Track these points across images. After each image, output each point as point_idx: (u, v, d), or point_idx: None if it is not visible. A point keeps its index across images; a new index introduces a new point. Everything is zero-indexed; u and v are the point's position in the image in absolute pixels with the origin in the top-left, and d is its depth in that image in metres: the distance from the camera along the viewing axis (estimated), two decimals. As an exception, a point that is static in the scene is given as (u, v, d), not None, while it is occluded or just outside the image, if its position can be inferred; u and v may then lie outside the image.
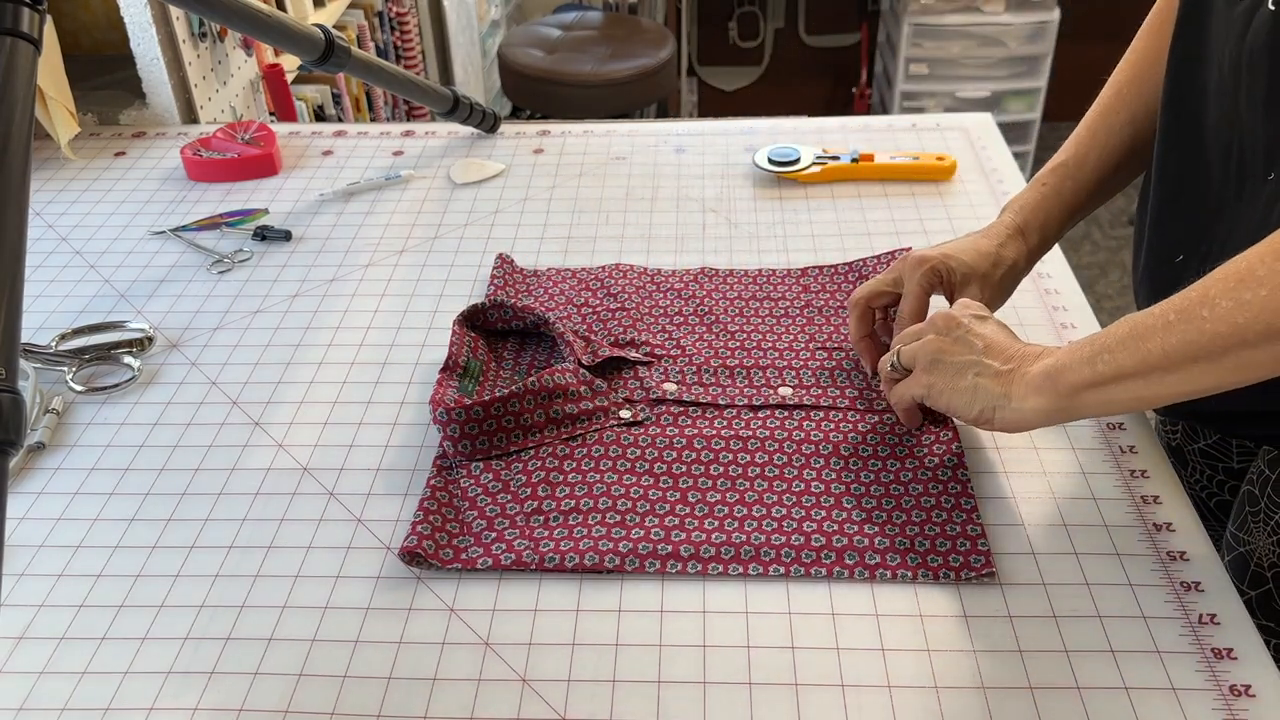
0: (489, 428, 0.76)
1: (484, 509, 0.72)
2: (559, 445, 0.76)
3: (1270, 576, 0.72)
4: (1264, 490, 0.73)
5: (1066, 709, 0.59)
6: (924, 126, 1.21)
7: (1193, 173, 0.69)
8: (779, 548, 0.68)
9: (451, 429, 0.75)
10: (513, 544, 0.69)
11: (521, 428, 0.77)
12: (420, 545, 0.68)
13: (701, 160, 1.16)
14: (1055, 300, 0.91)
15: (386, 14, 2.11)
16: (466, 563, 0.68)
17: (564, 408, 0.78)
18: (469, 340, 0.85)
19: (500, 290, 0.93)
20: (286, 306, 0.95)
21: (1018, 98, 2.95)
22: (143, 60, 1.26)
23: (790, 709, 0.59)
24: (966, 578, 0.66)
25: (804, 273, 0.95)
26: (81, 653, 0.64)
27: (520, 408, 0.77)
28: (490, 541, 0.69)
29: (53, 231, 1.07)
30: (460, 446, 0.75)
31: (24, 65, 0.59)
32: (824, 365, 0.84)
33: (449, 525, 0.71)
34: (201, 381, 0.86)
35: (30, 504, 0.75)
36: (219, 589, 0.68)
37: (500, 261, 0.98)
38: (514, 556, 0.68)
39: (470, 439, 0.75)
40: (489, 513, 0.72)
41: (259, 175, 1.16)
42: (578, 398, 0.79)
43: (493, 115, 1.23)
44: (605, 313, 0.89)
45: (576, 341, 0.84)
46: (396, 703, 0.61)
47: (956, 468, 0.73)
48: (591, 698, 0.60)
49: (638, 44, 2.50)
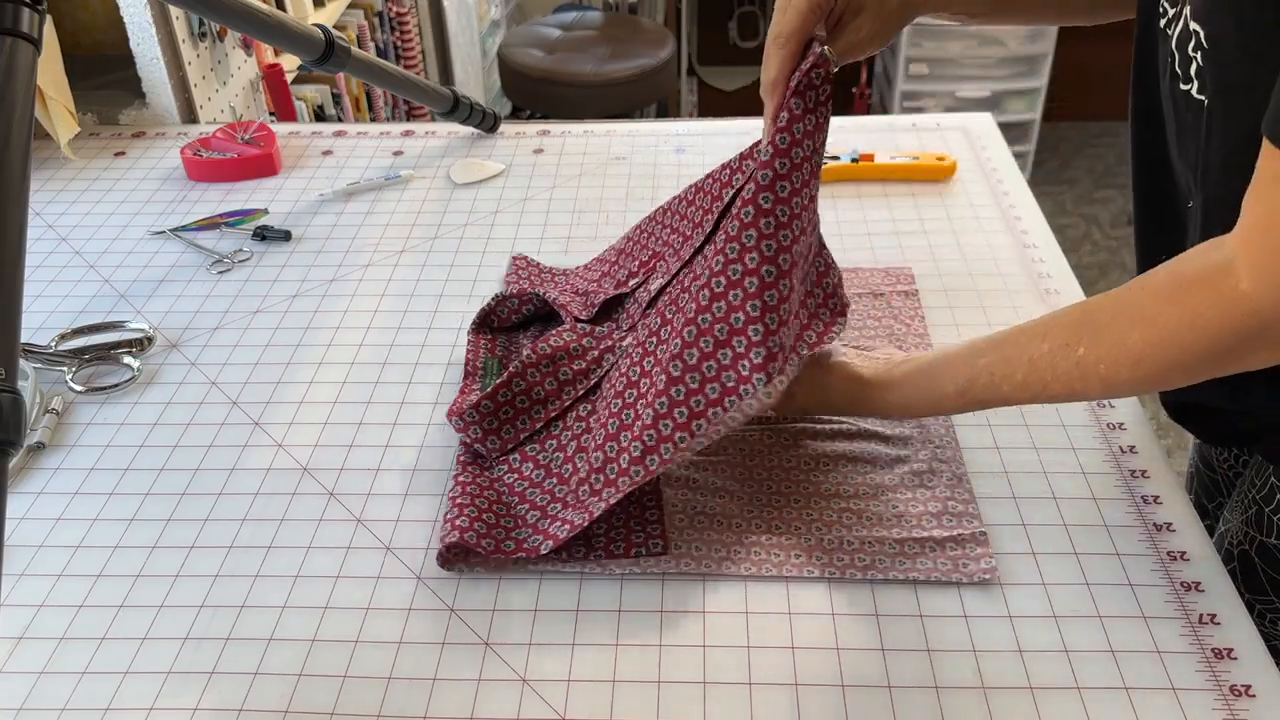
0: (506, 415, 0.76)
1: (534, 500, 0.71)
2: (580, 405, 0.76)
3: (1238, 554, 0.73)
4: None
5: (1066, 709, 0.59)
6: (924, 126, 1.21)
7: (1161, 186, 0.69)
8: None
9: (473, 430, 0.75)
10: (571, 520, 0.68)
11: (536, 401, 0.76)
12: (463, 538, 0.67)
13: (701, 160, 1.16)
14: (1056, 300, 0.91)
15: (386, 14, 2.11)
16: (530, 550, 0.67)
17: (570, 366, 0.77)
18: (484, 343, 0.85)
19: (515, 287, 0.93)
20: (286, 306, 0.95)
21: (1018, 98, 2.95)
22: (143, 60, 1.26)
23: (790, 709, 0.59)
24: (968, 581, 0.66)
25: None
26: (81, 653, 0.64)
27: (527, 383, 0.76)
28: (547, 526, 0.69)
29: (53, 231, 1.07)
30: (489, 444, 0.75)
31: (24, 65, 0.59)
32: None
33: (502, 521, 0.70)
34: (201, 381, 0.86)
35: (30, 504, 0.75)
36: (219, 589, 0.68)
37: (516, 265, 0.97)
38: (568, 527, 0.67)
39: (495, 433, 0.75)
40: (540, 501, 0.71)
41: (259, 175, 1.16)
42: (582, 352, 0.78)
43: (493, 115, 1.23)
44: (615, 266, 0.88)
45: (573, 301, 0.83)
46: (396, 703, 0.61)
47: (952, 461, 0.74)
48: (591, 698, 0.60)
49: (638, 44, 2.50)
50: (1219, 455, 0.86)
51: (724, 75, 3.41)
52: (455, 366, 0.86)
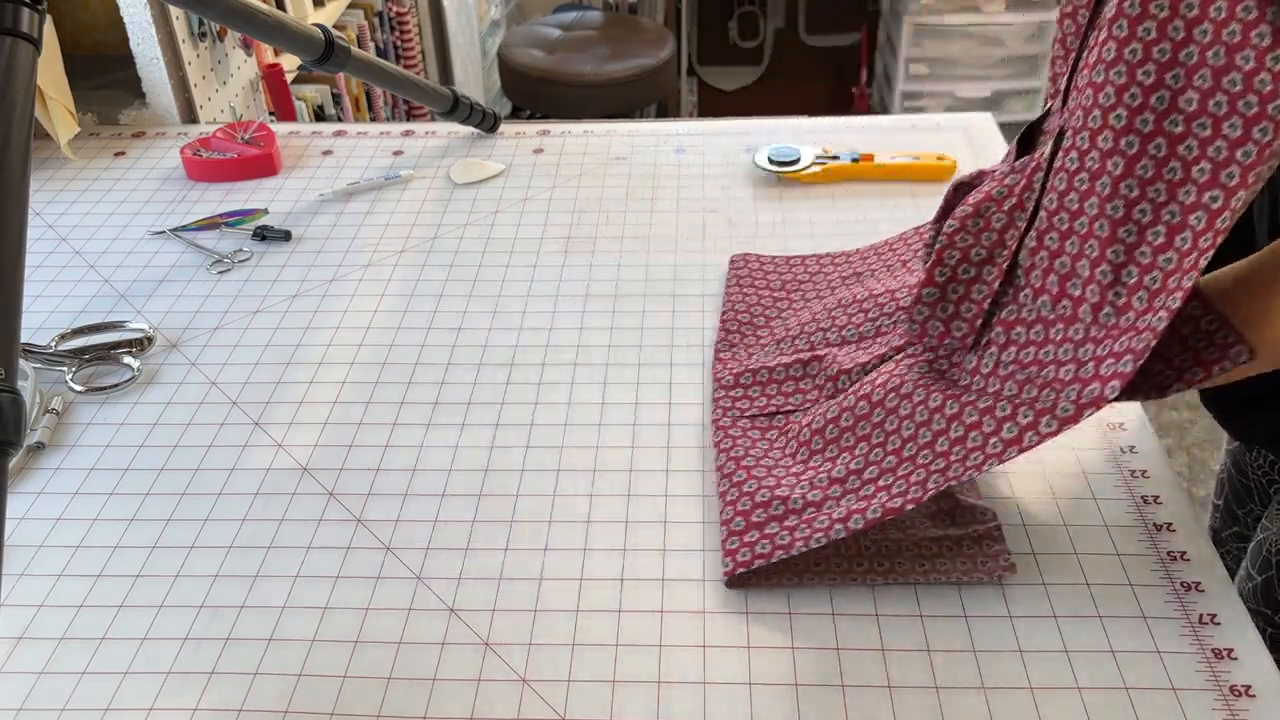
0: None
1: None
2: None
3: (1275, 563, 0.72)
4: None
5: (1066, 709, 0.59)
6: (924, 126, 1.21)
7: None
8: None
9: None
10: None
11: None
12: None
13: (701, 160, 1.16)
14: (1055, 300, 0.92)
15: (386, 14, 2.11)
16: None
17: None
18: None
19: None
20: (286, 306, 0.95)
21: (1018, 98, 2.95)
22: (143, 60, 1.26)
23: (790, 709, 0.59)
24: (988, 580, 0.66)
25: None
26: (81, 653, 0.64)
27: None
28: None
29: (52, 231, 1.07)
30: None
31: (24, 65, 0.59)
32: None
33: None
34: (201, 381, 0.86)
35: (30, 504, 0.75)
36: (219, 589, 0.68)
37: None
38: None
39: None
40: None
41: (259, 175, 1.16)
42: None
43: (493, 115, 1.23)
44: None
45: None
46: (396, 703, 0.61)
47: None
48: (591, 698, 0.60)
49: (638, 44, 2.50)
50: (1254, 461, 0.86)
51: (724, 75, 3.41)
52: (455, 367, 0.86)
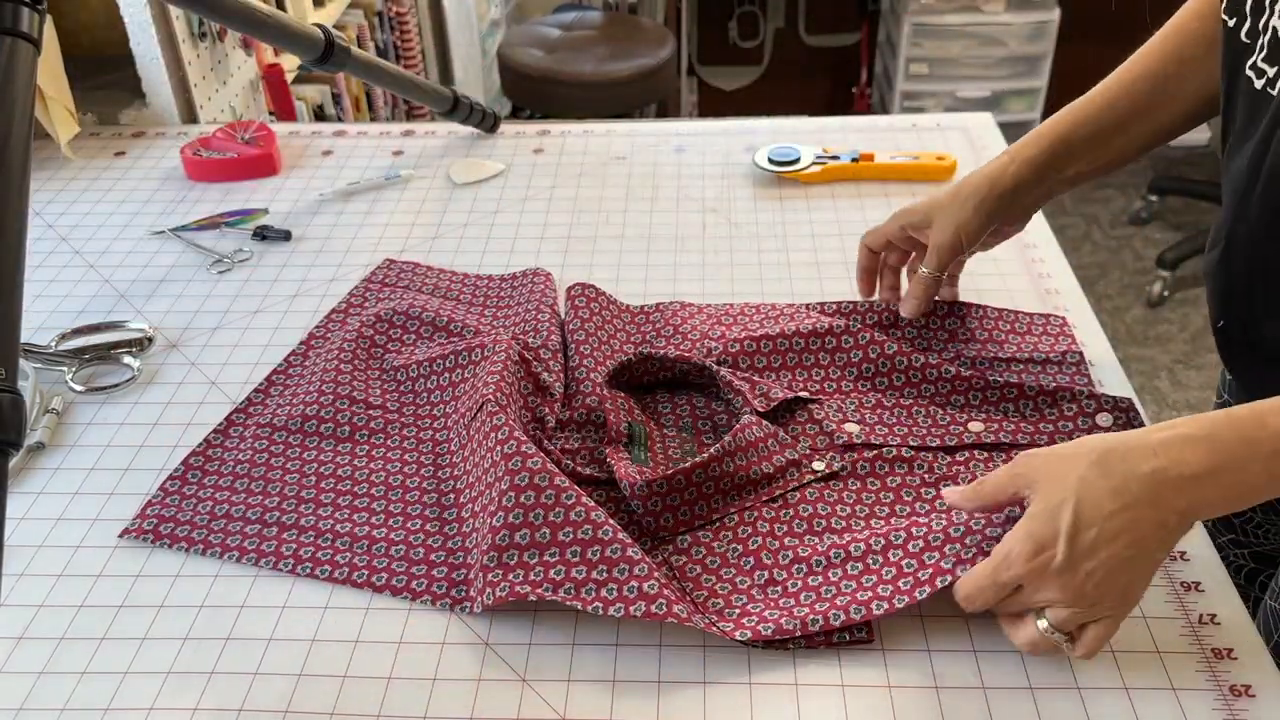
0: (690, 496, 0.71)
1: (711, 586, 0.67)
2: (763, 509, 0.71)
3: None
4: None
5: (1066, 709, 0.59)
6: (924, 126, 1.21)
7: None
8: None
9: (652, 503, 0.70)
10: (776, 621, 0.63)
11: (722, 492, 0.71)
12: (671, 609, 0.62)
13: (701, 160, 1.16)
14: (1057, 300, 0.92)
15: (386, 14, 2.11)
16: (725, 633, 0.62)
17: (760, 467, 0.73)
18: (622, 404, 0.78)
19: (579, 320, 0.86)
20: (286, 306, 0.95)
21: (1018, 98, 2.95)
22: (142, 60, 1.26)
23: (790, 709, 0.59)
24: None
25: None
26: (81, 653, 0.64)
27: (720, 471, 0.71)
28: (735, 615, 0.64)
29: (52, 231, 1.07)
30: (663, 520, 0.70)
31: (24, 65, 0.59)
32: (1006, 397, 0.77)
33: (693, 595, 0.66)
34: (201, 381, 0.86)
35: (30, 504, 0.75)
36: (219, 589, 0.68)
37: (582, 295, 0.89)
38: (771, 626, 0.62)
39: (672, 510, 0.70)
40: (720, 590, 0.66)
41: (259, 175, 1.16)
42: (768, 453, 0.73)
43: (493, 115, 1.23)
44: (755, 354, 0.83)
45: (746, 389, 0.78)
46: (396, 703, 0.61)
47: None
48: (591, 698, 0.60)
49: (638, 44, 2.50)
50: None
51: (724, 75, 3.41)
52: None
